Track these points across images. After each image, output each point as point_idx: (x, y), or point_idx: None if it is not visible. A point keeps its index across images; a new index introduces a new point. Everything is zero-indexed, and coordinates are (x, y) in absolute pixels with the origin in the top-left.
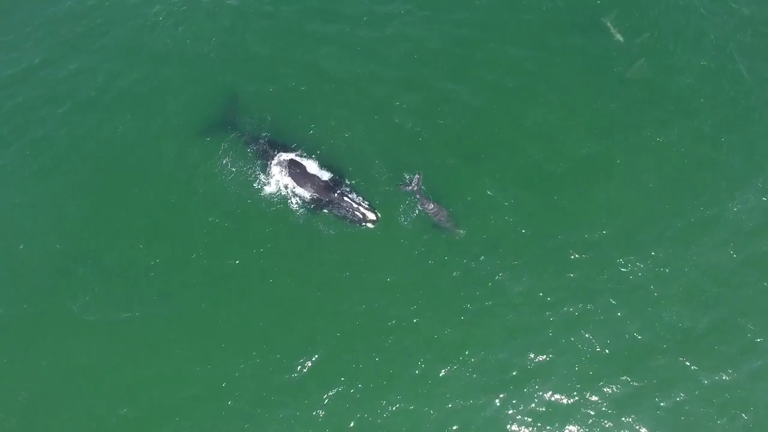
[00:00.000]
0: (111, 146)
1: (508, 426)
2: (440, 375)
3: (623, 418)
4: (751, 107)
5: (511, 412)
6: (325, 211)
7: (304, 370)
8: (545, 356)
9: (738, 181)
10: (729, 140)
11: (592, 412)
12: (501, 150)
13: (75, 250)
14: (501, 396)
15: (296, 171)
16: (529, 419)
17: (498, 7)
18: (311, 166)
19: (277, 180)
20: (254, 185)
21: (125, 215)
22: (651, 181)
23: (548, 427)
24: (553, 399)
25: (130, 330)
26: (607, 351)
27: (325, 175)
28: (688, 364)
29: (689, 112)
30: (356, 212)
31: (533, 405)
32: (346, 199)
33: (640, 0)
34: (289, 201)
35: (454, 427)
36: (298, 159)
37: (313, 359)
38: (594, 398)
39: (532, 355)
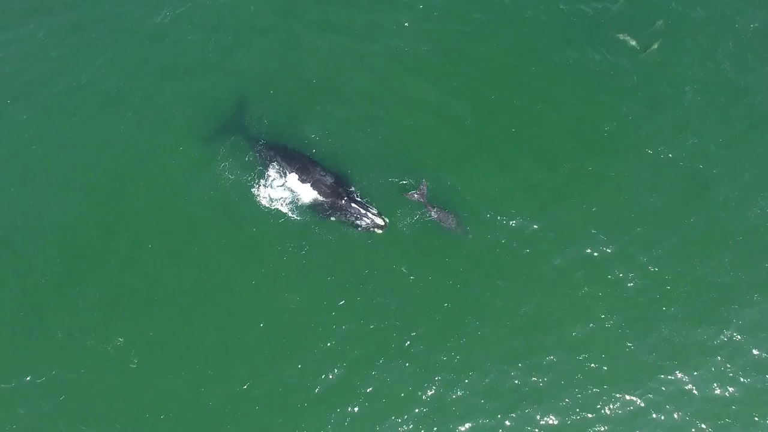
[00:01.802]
0: (110, 149)
1: None
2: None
3: None
4: (760, 121)
5: None
6: (332, 218)
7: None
8: (548, 379)
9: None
10: (736, 157)
11: None
12: (495, 165)
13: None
14: (506, 420)
15: (301, 176)
16: None
17: (497, 20)
18: (315, 172)
19: (278, 185)
20: (252, 190)
21: (124, 216)
22: (653, 198)
23: None
24: (557, 423)
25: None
26: (611, 371)
27: (330, 180)
28: (690, 379)
29: (692, 125)
30: (365, 218)
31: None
32: (354, 205)
33: (648, 8)
34: (290, 207)
35: None
36: (302, 164)
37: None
38: (597, 421)
39: (534, 378)
